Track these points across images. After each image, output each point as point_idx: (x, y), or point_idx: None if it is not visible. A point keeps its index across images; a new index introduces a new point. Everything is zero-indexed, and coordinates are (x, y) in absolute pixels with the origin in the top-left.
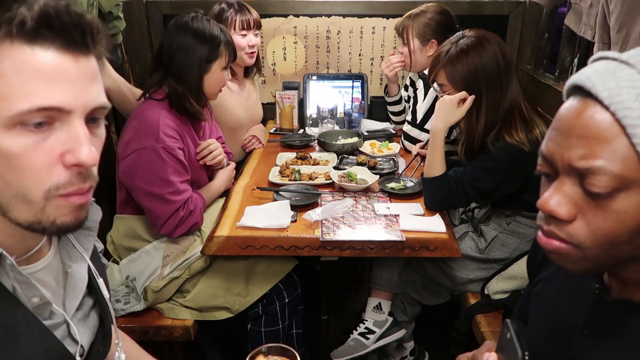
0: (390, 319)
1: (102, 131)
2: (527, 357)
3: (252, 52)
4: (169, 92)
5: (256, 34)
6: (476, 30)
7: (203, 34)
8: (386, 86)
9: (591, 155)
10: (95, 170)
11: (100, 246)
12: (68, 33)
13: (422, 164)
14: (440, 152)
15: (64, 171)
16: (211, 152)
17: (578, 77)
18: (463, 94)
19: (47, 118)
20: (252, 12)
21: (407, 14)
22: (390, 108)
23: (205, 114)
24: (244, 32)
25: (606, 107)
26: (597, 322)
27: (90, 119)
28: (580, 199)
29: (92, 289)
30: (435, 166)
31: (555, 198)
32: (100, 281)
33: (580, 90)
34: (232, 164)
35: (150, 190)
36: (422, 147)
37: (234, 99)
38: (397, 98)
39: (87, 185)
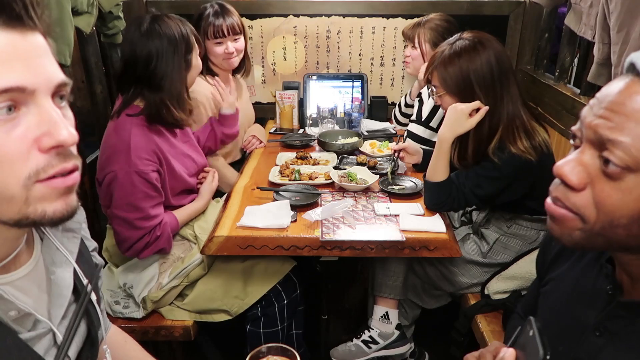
0: (397, 333)
1: (70, 113)
2: (548, 357)
3: (230, 58)
4: (146, 106)
5: (236, 39)
6: (475, 32)
7: (175, 34)
8: (411, 89)
9: (619, 129)
10: (75, 149)
11: (92, 244)
12: (9, 7)
13: (401, 155)
14: (445, 159)
15: (41, 156)
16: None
17: (635, 54)
18: (477, 103)
19: (12, 101)
20: (227, 17)
21: (415, 22)
22: (405, 110)
23: (189, 120)
24: (218, 41)
25: None
26: (609, 323)
27: (56, 98)
28: (594, 171)
29: (78, 294)
30: (439, 172)
31: (571, 164)
32: (86, 282)
33: (634, 68)
34: (213, 174)
35: (119, 214)
36: (397, 143)
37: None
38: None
39: (70, 164)
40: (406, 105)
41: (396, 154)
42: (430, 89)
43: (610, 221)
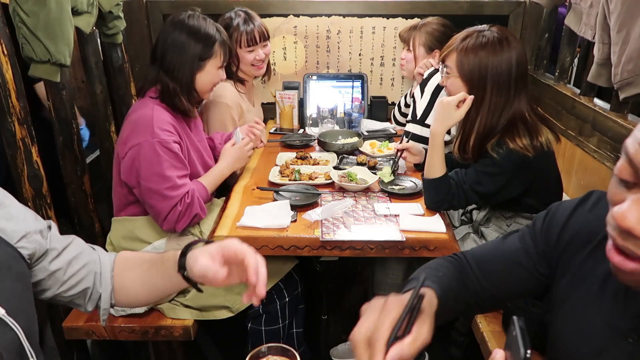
0: None
1: None
2: (528, 356)
3: (259, 65)
4: (161, 88)
5: (265, 45)
6: (503, 29)
7: (198, 32)
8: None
9: None
10: None
11: (15, 236)
12: None
13: (404, 156)
14: (439, 153)
15: None
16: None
17: None
18: (462, 94)
19: None
20: (256, 23)
21: (412, 25)
22: (405, 110)
23: (194, 111)
24: (250, 48)
25: None
26: None
27: None
28: None
29: None
30: (435, 168)
31: (635, 213)
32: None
33: None
34: (244, 141)
35: (148, 186)
36: (400, 142)
37: (248, 107)
38: None
39: None
40: (406, 105)
41: (399, 154)
42: (440, 68)
43: None
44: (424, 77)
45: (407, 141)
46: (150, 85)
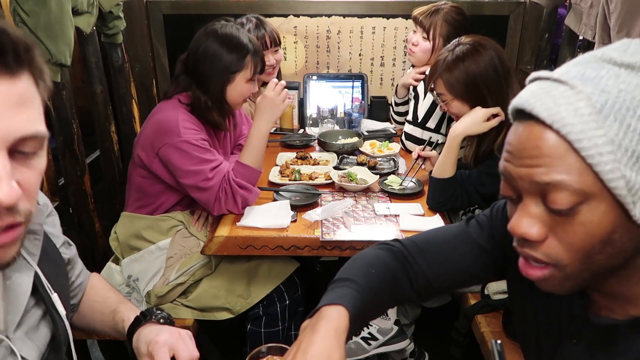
0: (396, 328)
1: (39, 162)
2: None
3: (270, 72)
4: (193, 100)
5: (275, 51)
6: (472, 36)
7: (230, 42)
8: (396, 87)
9: (550, 170)
10: (23, 205)
11: (60, 240)
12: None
13: (423, 166)
14: (454, 155)
15: None
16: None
17: (518, 101)
18: (498, 109)
19: None
20: (267, 29)
21: (432, 9)
22: (397, 108)
23: (226, 124)
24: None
25: (549, 126)
26: (586, 332)
27: (19, 152)
28: (547, 218)
29: (40, 297)
30: (447, 168)
31: (524, 220)
32: (55, 296)
33: (522, 113)
34: (271, 85)
35: (186, 183)
36: (423, 149)
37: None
38: (406, 99)
39: (4, 222)
40: (396, 104)
41: (419, 161)
42: (435, 98)
43: (586, 254)
44: (427, 82)
45: (431, 149)
46: (179, 91)
